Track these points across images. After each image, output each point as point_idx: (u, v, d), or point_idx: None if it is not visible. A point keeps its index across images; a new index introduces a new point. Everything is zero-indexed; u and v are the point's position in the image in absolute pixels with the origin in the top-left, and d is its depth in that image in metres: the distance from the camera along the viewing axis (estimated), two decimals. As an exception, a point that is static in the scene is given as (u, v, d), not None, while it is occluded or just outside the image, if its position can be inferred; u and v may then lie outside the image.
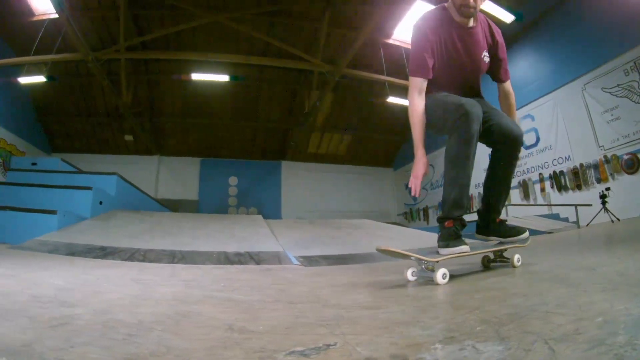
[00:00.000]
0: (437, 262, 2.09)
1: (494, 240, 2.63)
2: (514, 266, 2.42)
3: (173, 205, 12.31)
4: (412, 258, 2.15)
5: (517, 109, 10.54)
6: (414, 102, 2.49)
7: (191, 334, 1.12)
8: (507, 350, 0.88)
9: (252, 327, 1.20)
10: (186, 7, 14.25)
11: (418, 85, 2.50)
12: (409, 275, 2.22)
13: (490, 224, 2.66)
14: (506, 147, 2.51)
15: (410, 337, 1.04)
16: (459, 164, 2.34)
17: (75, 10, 13.46)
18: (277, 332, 1.16)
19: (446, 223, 2.33)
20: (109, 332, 1.09)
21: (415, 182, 2.46)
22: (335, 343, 1.00)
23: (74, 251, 3.92)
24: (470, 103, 2.29)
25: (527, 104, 13.20)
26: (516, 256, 2.47)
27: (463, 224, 2.37)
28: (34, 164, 8.62)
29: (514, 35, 13.59)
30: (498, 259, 2.63)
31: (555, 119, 12.20)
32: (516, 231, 2.58)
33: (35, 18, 14.41)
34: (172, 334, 1.11)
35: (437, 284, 1.98)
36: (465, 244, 2.27)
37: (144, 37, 14.91)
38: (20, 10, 14.24)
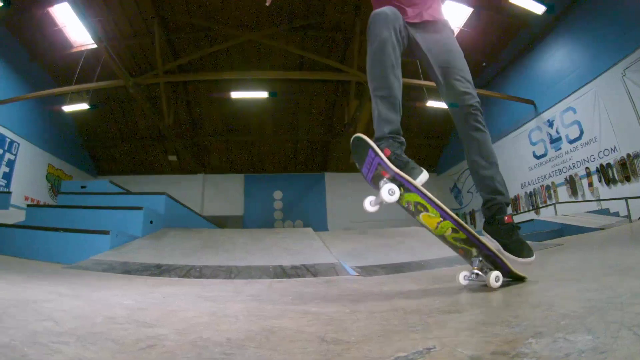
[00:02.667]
0: (414, 185, 1.96)
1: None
2: (490, 285, 1.91)
3: (219, 222, 12.44)
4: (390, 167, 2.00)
5: (558, 102, 10.21)
6: None
7: (288, 349, 1.08)
8: (597, 338, 0.92)
9: (345, 338, 1.16)
10: (219, 28, 14.59)
11: None
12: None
13: (496, 218, 2.28)
14: (462, 114, 2.40)
15: (501, 335, 1.05)
16: (375, 75, 2.22)
17: (112, 39, 14.04)
18: (371, 340, 1.13)
19: (384, 151, 2.08)
20: (203, 352, 1.05)
21: None
22: (434, 346, 0.99)
23: (129, 269, 3.95)
24: (382, 9, 2.22)
25: (567, 96, 12.83)
26: (494, 274, 1.92)
27: (401, 142, 2.18)
28: (83, 186, 8.85)
29: (547, 26, 13.29)
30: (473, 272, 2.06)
31: (597, 109, 11.73)
32: (520, 249, 2.14)
33: (74, 49, 15.08)
34: (269, 350, 1.07)
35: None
36: (422, 170, 2.05)
37: (180, 60, 15.36)
38: (59, 43, 14.97)
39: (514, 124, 15.56)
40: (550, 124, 13.67)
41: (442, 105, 15.14)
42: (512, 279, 2.08)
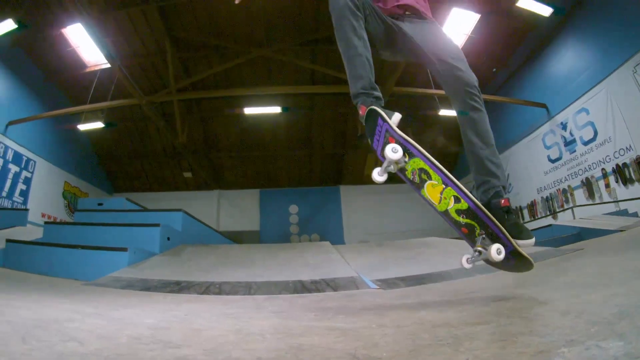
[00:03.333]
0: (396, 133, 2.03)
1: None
2: (492, 259, 1.90)
3: (235, 237, 12.50)
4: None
5: (570, 104, 10.06)
6: None
7: (322, 367, 1.06)
8: (629, 344, 0.93)
9: (376, 354, 1.14)
10: (229, 45, 14.75)
11: None
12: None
13: (491, 202, 2.24)
14: (459, 93, 2.42)
15: (533, 345, 1.05)
16: (340, 38, 2.32)
17: (125, 58, 14.25)
18: (403, 356, 1.12)
19: (360, 111, 2.25)
20: (236, 372, 1.03)
21: None
22: (467, 359, 0.98)
23: (148, 286, 3.94)
24: None
25: (579, 97, 12.68)
26: (494, 246, 1.90)
27: (376, 97, 2.25)
28: (100, 204, 8.94)
29: (555, 28, 13.24)
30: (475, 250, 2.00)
31: (610, 108, 11.55)
32: (518, 231, 2.08)
33: (88, 69, 15.35)
34: (302, 369, 1.05)
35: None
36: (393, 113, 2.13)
37: (193, 78, 15.54)
38: (73, 63, 15.25)
39: (528, 129, 15.42)
40: (564, 126, 13.52)
41: (454, 113, 15.15)
42: (516, 259, 2.03)
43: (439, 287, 2.93)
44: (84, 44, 14.21)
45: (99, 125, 15.38)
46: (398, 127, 2.09)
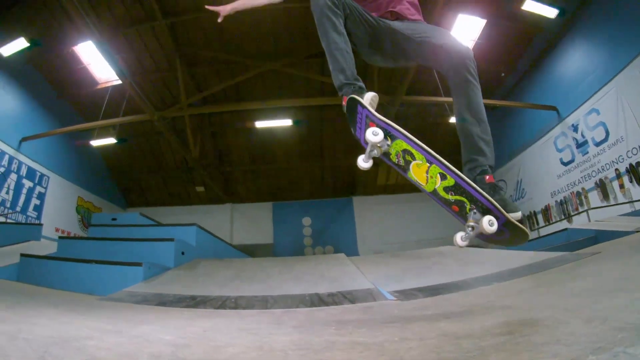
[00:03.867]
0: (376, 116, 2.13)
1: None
2: (485, 232, 1.91)
3: (249, 250, 12.53)
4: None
5: (580, 105, 9.92)
6: None
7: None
8: None
9: None
10: (238, 59, 14.88)
11: None
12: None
13: (477, 179, 2.23)
14: (453, 66, 2.38)
15: (561, 354, 1.04)
16: (321, 35, 2.43)
17: (136, 75, 14.43)
18: None
19: (342, 101, 2.34)
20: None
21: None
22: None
23: (164, 301, 3.94)
24: None
25: (589, 98, 12.55)
26: (486, 218, 1.92)
27: (359, 87, 2.33)
28: (114, 219, 9.02)
29: (561, 30, 13.18)
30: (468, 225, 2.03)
31: (620, 107, 11.39)
32: (504, 205, 2.05)
33: (100, 86, 15.58)
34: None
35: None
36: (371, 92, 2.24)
37: (204, 93, 15.69)
38: (85, 80, 15.48)
39: (539, 133, 15.26)
40: (575, 128, 13.37)
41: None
42: (510, 231, 2.03)
43: (457, 297, 2.90)
44: (95, 61, 14.44)
45: (111, 141, 15.55)
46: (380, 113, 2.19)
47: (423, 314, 2.31)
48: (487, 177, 2.22)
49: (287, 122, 16.21)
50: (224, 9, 3.08)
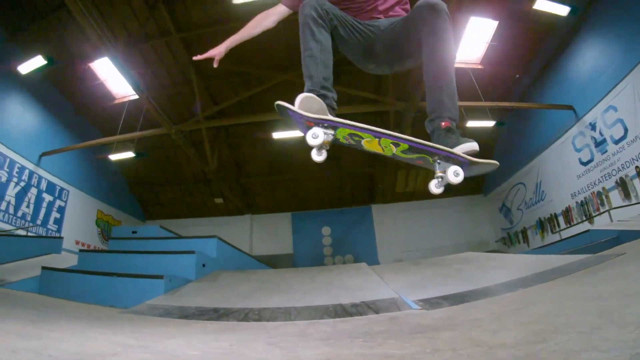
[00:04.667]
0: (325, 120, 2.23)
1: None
2: (452, 183, 2.10)
3: (270, 261, 12.56)
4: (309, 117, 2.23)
5: (597, 103, 9.67)
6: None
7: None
8: None
9: None
10: (253, 71, 15.01)
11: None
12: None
13: (435, 131, 2.31)
14: (418, 15, 2.39)
15: None
16: (301, 40, 2.48)
17: (152, 89, 14.63)
18: None
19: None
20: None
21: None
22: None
23: (186, 314, 3.94)
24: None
25: (605, 95, 12.31)
26: (451, 169, 2.11)
27: (323, 95, 2.39)
28: (134, 232, 9.10)
29: (573, 27, 13.02)
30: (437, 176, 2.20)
31: (638, 103, 11.13)
32: (457, 141, 2.23)
33: (117, 101, 15.85)
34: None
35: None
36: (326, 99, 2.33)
37: (220, 105, 15.84)
38: (102, 95, 15.77)
39: (556, 133, 14.98)
40: (593, 126, 13.10)
41: (483, 124, 15.02)
42: (478, 167, 2.19)
43: (483, 305, 2.84)
44: (112, 77, 14.72)
45: (129, 155, 15.74)
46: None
47: (451, 323, 2.27)
48: (443, 123, 2.27)
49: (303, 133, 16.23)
50: (219, 52, 3.15)
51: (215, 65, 3.12)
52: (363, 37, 2.62)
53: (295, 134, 16.11)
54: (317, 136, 2.16)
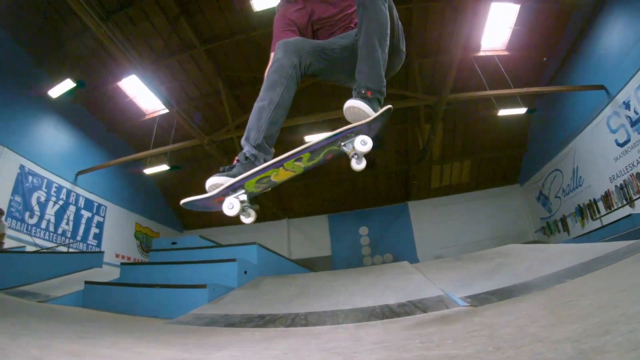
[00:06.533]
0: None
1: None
2: (362, 151, 2.17)
3: (308, 264, 12.64)
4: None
5: (629, 80, 10.73)
6: None
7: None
8: None
9: None
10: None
11: None
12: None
13: (362, 95, 2.34)
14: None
15: None
16: (265, 83, 2.43)
17: (181, 102, 14.97)
18: None
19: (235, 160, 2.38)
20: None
21: None
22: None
23: (232, 322, 3.96)
24: (293, 40, 2.51)
25: (637, 72, 12.00)
26: (357, 140, 2.18)
27: (250, 158, 2.34)
28: (174, 242, 9.28)
29: (598, 3, 12.79)
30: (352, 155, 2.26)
31: None
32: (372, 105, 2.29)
33: (147, 117, 16.25)
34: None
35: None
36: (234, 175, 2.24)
37: (249, 113, 15.97)
38: (132, 112, 16.22)
39: (589, 115, 14.54)
40: (627, 105, 12.63)
41: (514, 112, 14.74)
42: (378, 121, 2.24)
43: (534, 299, 2.77)
44: (140, 94, 15.08)
45: (164, 168, 16.10)
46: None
47: (505, 319, 2.22)
48: (363, 91, 2.32)
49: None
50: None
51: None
52: (329, 54, 2.60)
53: (326, 136, 16.17)
54: (232, 206, 2.19)
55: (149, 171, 16.55)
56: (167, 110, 14.57)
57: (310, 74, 2.58)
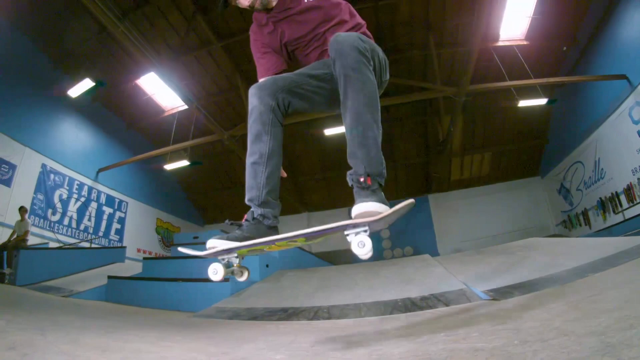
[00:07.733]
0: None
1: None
2: (361, 255, 1.93)
3: (329, 257, 12.68)
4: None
5: None
6: None
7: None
8: None
9: None
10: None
11: None
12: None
13: (353, 186, 2.13)
14: (335, 58, 2.04)
15: None
16: (250, 135, 2.27)
17: (200, 98, 15.08)
18: None
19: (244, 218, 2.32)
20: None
21: None
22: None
23: (255, 315, 4.03)
24: (264, 81, 2.39)
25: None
26: (354, 241, 1.96)
27: (260, 216, 2.27)
28: (195, 237, 9.39)
29: None
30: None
31: None
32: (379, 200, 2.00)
33: (166, 113, 16.42)
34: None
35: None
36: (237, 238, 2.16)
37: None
38: (152, 109, 16.38)
39: (611, 106, 14.15)
40: (650, 95, 12.35)
41: (535, 102, 14.51)
42: (390, 217, 2.02)
43: (556, 293, 2.75)
44: (159, 91, 15.23)
45: (184, 163, 16.28)
46: None
47: (528, 313, 2.23)
48: (361, 178, 2.11)
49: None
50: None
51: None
52: (314, 92, 2.45)
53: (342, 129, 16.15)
54: (216, 272, 2.19)
55: (169, 167, 16.72)
56: (185, 107, 14.70)
57: (292, 111, 2.43)
